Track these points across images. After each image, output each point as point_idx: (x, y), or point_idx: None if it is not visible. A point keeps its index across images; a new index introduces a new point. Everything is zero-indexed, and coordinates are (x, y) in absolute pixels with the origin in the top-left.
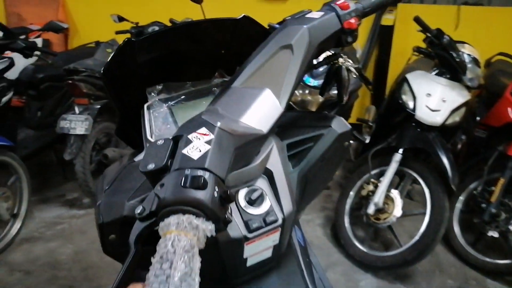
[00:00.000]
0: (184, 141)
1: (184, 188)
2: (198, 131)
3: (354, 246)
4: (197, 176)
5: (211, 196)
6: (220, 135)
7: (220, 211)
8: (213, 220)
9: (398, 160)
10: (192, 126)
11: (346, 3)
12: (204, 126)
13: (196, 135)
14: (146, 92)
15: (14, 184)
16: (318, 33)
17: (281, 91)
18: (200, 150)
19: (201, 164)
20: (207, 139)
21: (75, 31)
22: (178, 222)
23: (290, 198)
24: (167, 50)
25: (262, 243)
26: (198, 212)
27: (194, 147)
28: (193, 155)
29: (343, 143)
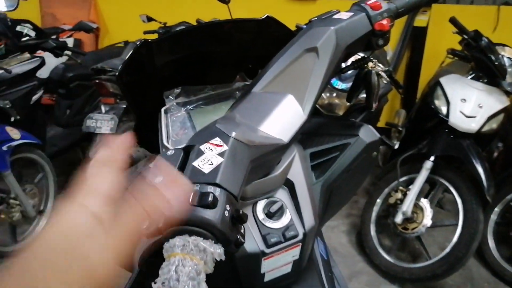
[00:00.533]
0: (195, 152)
1: (192, 206)
2: (211, 141)
3: (380, 256)
4: (206, 193)
5: (221, 216)
6: (234, 147)
7: (230, 233)
8: (223, 243)
9: (429, 168)
10: (205, 135)
11: (378, 2)
12: (218, 136)
13: (209, 145)
14: (164, 95)
15: (41, 181)
16: (346, 35)
17: (304, 97)
18: (212, 163)
19: (212, 179)
20: (220, 150)
21: (106, 31)
22: (183, 244)
23: (312, 211)
24: (186, 52)
25: (281, 259)
26: (206, 233)
27: (205, 159)
28: (204, 169)
29: (371, 153)
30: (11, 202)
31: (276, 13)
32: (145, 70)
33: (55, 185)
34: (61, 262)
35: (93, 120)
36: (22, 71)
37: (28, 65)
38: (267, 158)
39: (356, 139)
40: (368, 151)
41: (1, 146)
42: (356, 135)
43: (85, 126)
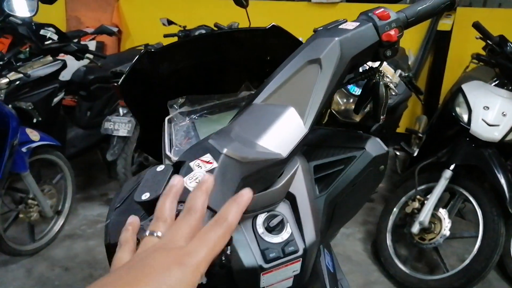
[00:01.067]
0: (185, 168)
1: None
2: (202, 158)
3: (395, 266)
4: None
5: None
6: (225, 164)
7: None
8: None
9: (448, 177)
10: (196, 151)
11: (386, 12)
12: (209, 152)
13: (199, 162)
14: (168, 105)
15: (59, 181)
16: (351, 46)
17: (306, 110)
18: (199, 181)
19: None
20: (209, 167)
21: (128, 34)
22: None
23: (314, 226)
24: (191, 61)
25: (281, 273)
26: None
27: (193, 177)
28: (191, 186)
29: (378, 167)
30: (29, 202)
31: (296, 17)
32: (149, 79)
33: (73, 185)
34: None
35: (111, 122)
36: (44, 73)
37: (50, 68)
38: (262, 174)
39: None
40: (375, 164)
41: (20, 148)
42: (362, 148)
43: (103, 128)
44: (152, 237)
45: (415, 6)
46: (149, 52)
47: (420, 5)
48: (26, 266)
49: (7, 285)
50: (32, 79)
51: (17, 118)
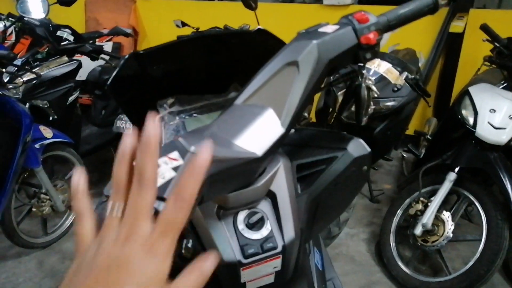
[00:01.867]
0: None
1: None
2: (169, 155)
3: (398, 267)
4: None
5: None
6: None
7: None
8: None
9: (452, 180)
10: (165, 149)
11: (366, 15)
12: (176, 149)
13: (166, 159)
14: (157, 105)
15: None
16: (329, 49)
17: (283, 110)
18: (164, 177)
19: (160, 193)
20: (175, 164)
21: (144, 35)
22: None
23: (294, 224)
24: (180, 63)
25: (261, 269)
26: None
27: (159, 174)
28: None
29: (361, 167)
30: (42, 197)
31: (307, 20)
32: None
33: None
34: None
35: (123, 121)
36: (59, 73)
37: (65, 68)
38: (235, 171)
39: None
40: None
41: (33, 144)
42: (344, 148)
43: (115, 127)
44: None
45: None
46: (137, 53)
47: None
48: (38, 258)
49: (19, 276)
50: (48, 78)
51: (30, 115)
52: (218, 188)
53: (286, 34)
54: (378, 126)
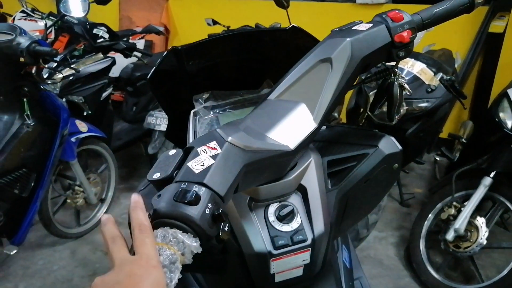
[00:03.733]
0: (193, 153)
1: (176, 202)
2: (208, 145)
3: (428, 273)
4: (190, 191)
5: (201, 213)
6: (228, 150)
7: (210, 229)
8: (201, 237)
9: (487, 185)
10: (205, 139)
11: (399, 14)
12: (215, 139)
13: (205, 148)
14: (193, 99)
15: (104, 171)
16: (363, 47)
17: (316, 106)
18: (203, 164)
19: (200, 178)
20: (214, 153)
21: (175, 33)
22: (164, 235)
23: (323, 218)
24: (215, 59)
25: (290, 261)
26: (185, 227)
27: (199, 161)
28: (196, 169)
29: (391, 165)
30: (76, 189)
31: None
32: (176, 75)
33: (117, 176)
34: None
35: (154, 117)
36: (95, 70)
37: (100, 65)
38: (268, 163)
39: (375, 150)
40: (388, 162)
41: (70, 138)
42: (375, 145)
43: (146, 123)
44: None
45: (432, 8)
46: (176, 49)
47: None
48: (71, 248)
49: (54, 264)
50: (84, 74)
51: (68, 110)
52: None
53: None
54: (410, 128)
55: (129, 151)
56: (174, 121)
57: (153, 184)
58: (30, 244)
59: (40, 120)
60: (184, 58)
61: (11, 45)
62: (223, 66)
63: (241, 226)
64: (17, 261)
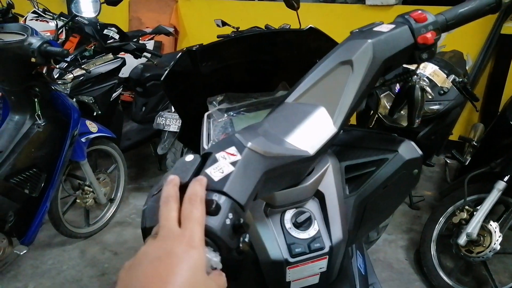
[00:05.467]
0: (211, 159)
1: None
2: (227, 150)
3: (439, 277)
4: (210, 200)
5: (222, 224)
6: (248, 157)
7: (230, 240)
8: (222, 250)
9: (501, 189)
10: (223, 144)
11: (423, 14)
12: (234, 145)
13: (224, 154)
14: (207, 101)
15: (113, 171)
16: (385, 49)
17: (336, 110)
18: (223, 171)
19: (219, 186)
20: (233, 159)
21: (184, 34)
22: None
23: (342, 225)
24: (230, 60)
25: (307, 269)
26: (206, 239)
27: (218, 168)
28: (215, 176)
29: (411, 170)
30: (86, 189)
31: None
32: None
33: (126, 176)
34: None
35: (163, 118)
36: (105, 70)
37: (110, 65)
38: (288, 169)
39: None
40: (408, 168)
41: (80, 138)
42: (395, 150)
43: (155, 123)
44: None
45: (457, 8)
46: (190, 50)
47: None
48: (81, 247)
49: (63, 264)
50: (94, 75)
51: (78, 110)
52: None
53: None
54: (422, 130)
55: (138, 152)
56: (187, 123)
57: None
58: (39, 243)
59: (51, 120)
60: (199, 59)
61: (22, 45)
62: (237, 67)
63: (257, 232)
64: (27, 260)
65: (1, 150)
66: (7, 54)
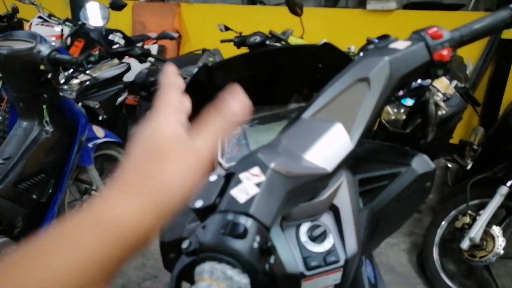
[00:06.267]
0: (235, 180)
1: (223, 236)
2: (250, 171)
3: (442, 281)
4: (238, 224)
5: (249, 247)
6: (272, 178)
7: (258, 263)
8: (249, 272)
9: (504, 194)
10: (246, 164)
11: (440, 32)
12: (257, 165)
13: (248, 175)
14: None
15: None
16: (401, 66)
17: (353, 126)
18: (248, 193)
19: (245, 209)
20: (257, 181)
21: (187, 39)
22: (212, 271)
23: (356, 238)
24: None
25: (321, 281)
26: (234, 262)
27: (242, 189)
28: (240, 198)
29: (424, 184)
30: (92, 193)
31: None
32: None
33: None
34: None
35: None
36: (111, 75)
37: (116, 70)
38: (308, 187)
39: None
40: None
41: (87, 143)
42: (408, 164)
43: None
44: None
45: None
46: (206, 66)
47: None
48: None
49: None
50: (100, 80)
51: (86, 116)
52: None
53: (330, 38)
54: None
55: None
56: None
57: (195, 212)
58: None
59: (59, 126)
60: (214, 73)
61: (31, 53)
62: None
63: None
64: None
65: (10, 156)
66: (17, 61)
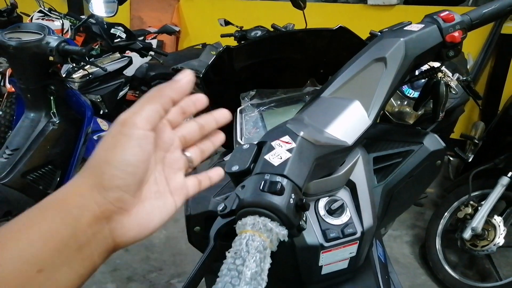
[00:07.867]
0: (267, 147)
1: (262, 192)
2: (281, 139)
3: (444, 271)
4: (275, 182)
5: (287, 203)
6: (301, 144)
7: (294, 218)
8: (287, 226)
9: (505, 184)
10: (276, 133)
11: (451, 15)
12: (287, 134)
13: (279, 142)
14: (240, 96)
15: None
16: (415, 47)
17: (370, 104)
18: (281, 157)
19: (280, 170)
20: (288, 147)
21: (186, 33)
22: (254, 223)
23: (372, 212)
24: (263, 57)
25: (339, 254)
26: (273, 216)
27: (275, 154)
28: (274, 162)
29: (435, 161)
30: None
31: (352, 20)
32: (225, 73)
33: None
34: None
35: None
36: (112, 69)
37: (118, 64)
38: (331, 158)
39: (420, 147)
40: (432, 159)
41: (92, 136)
42: (420, 142)
43: None
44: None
45: (481, 8)
46: (229, 48)
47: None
48: None
49: None
50: (101, 73)
51: (91, 108)
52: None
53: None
54: (428, 128)
55: None
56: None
57: (231, 176)
58: None
59: (65, 118)
60: (235, 56)
61: (40, 44)
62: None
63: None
64: None
65: (18, 147)
66: (26, 52)
